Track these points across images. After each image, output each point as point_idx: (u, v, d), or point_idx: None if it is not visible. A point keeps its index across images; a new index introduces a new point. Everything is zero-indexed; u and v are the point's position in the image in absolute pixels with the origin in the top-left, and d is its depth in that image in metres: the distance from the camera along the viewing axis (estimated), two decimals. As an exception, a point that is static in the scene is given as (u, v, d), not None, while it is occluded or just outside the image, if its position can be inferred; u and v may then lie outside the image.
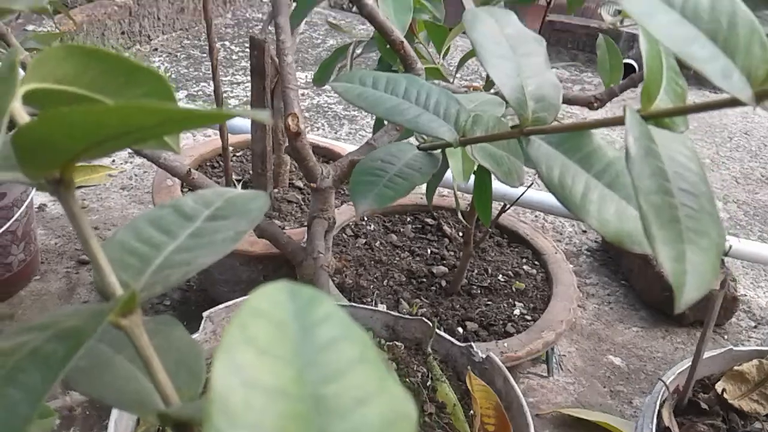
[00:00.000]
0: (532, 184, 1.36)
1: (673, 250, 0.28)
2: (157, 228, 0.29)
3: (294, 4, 0.75)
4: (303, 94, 2.39)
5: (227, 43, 2.80)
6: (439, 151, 0.53)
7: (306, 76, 2.55)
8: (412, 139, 0.55)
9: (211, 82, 1.32)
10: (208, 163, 1.45)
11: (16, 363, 0.21)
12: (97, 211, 1.79)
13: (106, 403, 0.26)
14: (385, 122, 0.65)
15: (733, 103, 0.27)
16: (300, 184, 1.38)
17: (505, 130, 0.44)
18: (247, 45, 2.72)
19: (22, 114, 0.22)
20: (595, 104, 0.55)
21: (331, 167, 0.64)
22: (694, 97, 2.68)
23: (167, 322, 0.29)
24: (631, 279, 1.64)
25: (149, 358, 0.24)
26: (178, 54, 2.67)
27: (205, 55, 2.65)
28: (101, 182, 1.86)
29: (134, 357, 0.26)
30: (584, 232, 1.81)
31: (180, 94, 2.36)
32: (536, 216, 1.85)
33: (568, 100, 0.62)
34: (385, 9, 0.61)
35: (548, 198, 1.63)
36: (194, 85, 2.45)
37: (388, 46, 0.62)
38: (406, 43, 0.58)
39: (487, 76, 0.90)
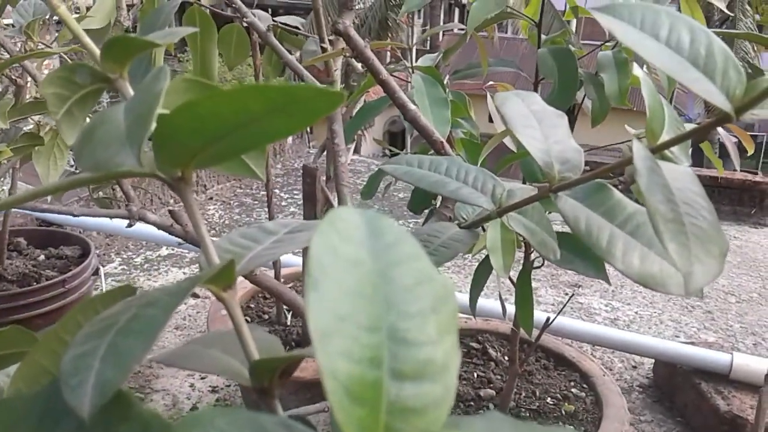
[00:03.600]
0: (565, 305, 1.38)
1: (680, 245, 0.32)
2: (246, 238, 0.35)
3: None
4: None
5: (277, 190, 2.99)
6: (479, 228, 0.58)
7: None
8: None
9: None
10: (260, 294, 1.52)
11: (124, 324, 0.26)
12: (152, 351, 1.85)
13: (206, 372, 0.30)
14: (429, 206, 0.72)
15: (721, 122, 0.33)
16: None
17: (536, 194, 0.50)
18: (296, 193, 2.87)
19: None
20: (619, 186, 0.61)
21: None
22: (734, 231, 2.70)
23: (254, 328, 0.34)
24: (687, 415, 1.59)
25: (241, 326, 0.29)
26: (231, 202, 2.85)
27: (256, 202, 2.82)
28: (156, 322, 1.93)
29: (224, 349, 0.31)
30: (634, 367, 1.78)
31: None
32: (583, 350, 1.83)
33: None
34: (425, 119, 0.69)
35: (594, 328, 1.63)
36: (248, 234, 2.59)
37: (431, 151, 0.69)
38: (445, 143, 0.65)
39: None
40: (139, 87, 0.24)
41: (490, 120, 1.30)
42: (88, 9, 0.99)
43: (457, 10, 15.17)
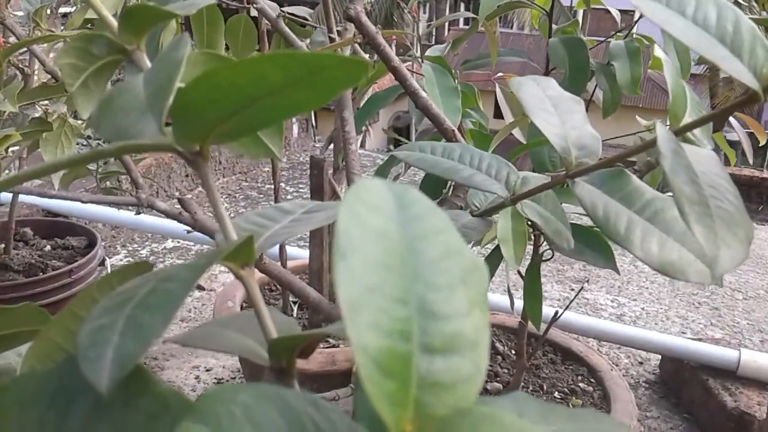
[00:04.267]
0: (572, 302, 1.38)
1: (705, 227, 0.31)
2: (264, 217, 0.34)
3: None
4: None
5: (282, 184, 2.99)
6: (493, 216, 0.57)
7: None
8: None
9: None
10: (266, 287, 1.52)
11: (142, 298, 0.25)
12: (156, 342, 1.84)
13: (222, 351, 0.30)
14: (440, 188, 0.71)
15: (750, 101, 0.32)
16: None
17: (552, 181, 0.49)
18: (301, 186, 2.86)
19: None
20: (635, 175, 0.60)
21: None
22: (761, 232, 2.69)
23: (272, 310, 0.34)
24: (694, 412, 1.58)
25: (259, 304, 0.29)
26: (237, 195, 2.85)
27: (262, 195, 2.82)
28: (161, 314, 1.93)
29: (240, 329, 0.31)
30: (640, 363, 1.77)
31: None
32: (590, 345, 1.83)
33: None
34: (437, 107, 0.69)
35: (600, 324, 1.62)
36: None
37: (443, 139, 0.69)
38: (456, 131, 0.65)
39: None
40: (159, 56, 0.24)
41: (496, 116, 1.29)
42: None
43: (462, 5, 15.14)
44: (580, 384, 1.20)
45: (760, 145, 0.99)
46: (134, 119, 0.21)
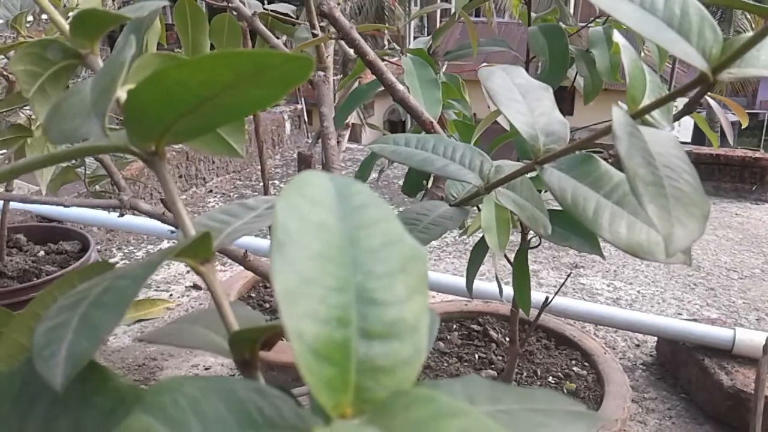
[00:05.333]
0: (562, 285, 1.38)
1: (659, 207, 0.32)
2: (227, 214, 0.35)
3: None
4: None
5: (276, 182, 2.99)
6: (469, 207, 0.58)
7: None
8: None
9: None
10: (261, 284, 1.53)
11: (96, 296, 0.26)
12: (137, 343, 1.85)
13: (187, 347, 0.30)
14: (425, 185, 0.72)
15: (700, 82, 0.32)
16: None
17: (523, 168, 0.50)
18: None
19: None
20: (609, 160, 0.60)
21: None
22: (735, 208, 2.70)
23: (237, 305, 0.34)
24: (691, 392, 1.59)
25: (219, 298, 0.29)
26: (231, 194, 2.86)
27: (255, 193, 2.83)
28: (160, 315, 1.94)
29: (207, 324, 0.31)
30: (637, 346, 1.78)
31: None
32: (586, 330, 1.84)
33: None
34: (416, 100, 0.69)
35: (597, 308, 1.63)
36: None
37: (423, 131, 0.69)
38: (435, 123, 0.65)
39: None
40: (107, 61, 0.24)
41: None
42: (77, 5, 0.98)
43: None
44: (574, 368, 1.21)
45: (743, 127, 0.99)
46: (79, 122, 0.22)
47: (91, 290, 0.23)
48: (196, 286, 2.13)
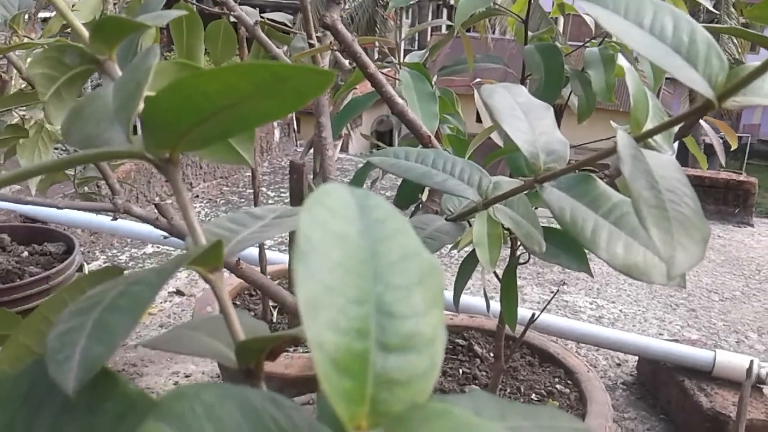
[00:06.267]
0: (550, 302, 1.39)
1: (662, 230, 0.32)
2: (235, 223, 0.35)
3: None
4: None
5: (264, 189, 2.98)
6: (465, 223, 0.58)
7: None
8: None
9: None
10: (246, 291, 1.52)
11: (110, 301, 0.26)
12: (136, 348, 1.84)
13: (189, 354, 0.30)
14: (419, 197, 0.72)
15: (705, 109, 0.33)
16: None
17: (522, 185, 0.50)
18: (282, 191, 2.86)
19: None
20: (605, 180, 0.61)
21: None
22: (719, 230, 2.73)
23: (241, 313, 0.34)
24: (670, 412, 1.60)
25: (227, 307, 0.29)
26: (218, 200, 2.84)
27: (243, 200, 2.81)
28: (141, 320, 1.93)
29: (209, 332, 0.31)
30: (618, 365, 1.79)
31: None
32: (568, 348, 1.85)
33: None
34: (414, 114, 0.70)
35: (579, 326, 1.64)
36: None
37: (420, 146, 0.69)
38: (432, 137, 0.65)
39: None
40: (129, 66, 0.24)
41: (478, 120, 1.30)
42: (73, 5, 0.98)
43: (445, 11, 15.22)
44: (557, 386, 1.21)
45: (732, 149, 1.01)
46: (103, 127, 0.22)
47: (105, 295, 0.23)
48: (178, 292, 2.11)
